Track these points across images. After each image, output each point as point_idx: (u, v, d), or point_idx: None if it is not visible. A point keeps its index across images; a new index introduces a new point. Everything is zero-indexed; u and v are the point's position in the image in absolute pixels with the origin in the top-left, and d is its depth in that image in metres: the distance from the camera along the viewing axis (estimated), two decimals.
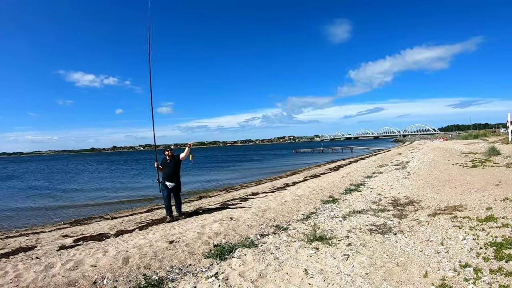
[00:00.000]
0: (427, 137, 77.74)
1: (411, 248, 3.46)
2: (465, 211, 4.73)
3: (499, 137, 29.86)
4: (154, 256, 3.70)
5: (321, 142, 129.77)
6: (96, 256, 3.81)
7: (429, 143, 32.49)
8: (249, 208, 6.36)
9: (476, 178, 7.55)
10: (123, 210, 10.06)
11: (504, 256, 2.92)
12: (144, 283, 3.02)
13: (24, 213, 10.96)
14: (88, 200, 13.35)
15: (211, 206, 7.46)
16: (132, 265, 3.44)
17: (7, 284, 3.08)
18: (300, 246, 3.72)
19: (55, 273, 3.29)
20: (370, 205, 5.78)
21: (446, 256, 3.15)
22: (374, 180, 9.15)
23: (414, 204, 5.59)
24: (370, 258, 3.24)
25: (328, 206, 6.04)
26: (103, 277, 3.17)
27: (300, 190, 8.44)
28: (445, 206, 5.21)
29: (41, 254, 4.16)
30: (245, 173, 22.52)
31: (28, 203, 13.41)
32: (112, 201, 12.66)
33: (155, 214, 7.39)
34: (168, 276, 3.18)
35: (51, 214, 10.56)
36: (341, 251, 3.50)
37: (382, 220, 4.65)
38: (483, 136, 35.10)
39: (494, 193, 5.62)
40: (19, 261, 3.84)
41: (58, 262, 3.65)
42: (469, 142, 24.35)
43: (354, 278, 2.82)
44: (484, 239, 3.48)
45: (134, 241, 4.49)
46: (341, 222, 4.73)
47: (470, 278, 2.63)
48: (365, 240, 3.83)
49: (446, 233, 3.82)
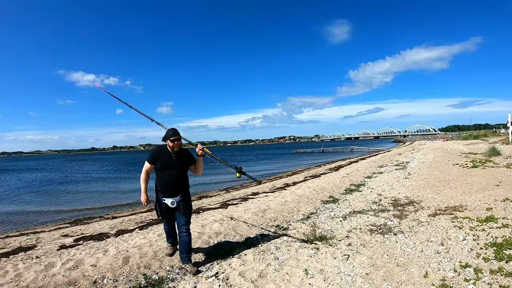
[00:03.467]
0: (427, 137, 77.67)
1: (411, 249, 3.46)
2: (465, 212, 4.73)
3: (500, 137, 29.80)
4: (154, 255, 3.70)
5: (321, 142, 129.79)
6: (96, 255, 3.81)
7: (430, 144, 32.47)
8: (249, 208, 6.36)
9: (477, 178, 7.54)
10: (123, 210, 10.06)
11: (504, 256, 2.92)
12: (144, 282, 3.02)
13: (24, 213, 10.97)
14: (89, 200, 13.35)
15: (211, 206, 7.46)
16: (133, 265, 3.44)
17: (7, 283, 3.09)
18: (300, 246, 3.72)
19: (55, 273, 3.29)
20: (370, 205, 5.77)
21: (446, 257, 3.15)
22: (374, 180, 9.15)
23: (415, 204, 5.59)
24: (370, 258, 3.24)
25: (328, 206, 6.04)
26: (103, 276, 3.18)
27: (301, 190, 8.44)
28: (445, 206, 5.20)
29: (41, 254, 4.16)
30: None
31: (28, 203, 13.41)
32: (112, 201, 12.66)
33: (155, 214, 7.38)
34: (168, 275, 3.18)
35: (51, 213, 10.56)
36: (342, 251, 3.50)
37: (383, 220, 4.65)
38: (484, 136, 35.04)
39: (494, 194, 5.61)
40: (19, 261, 3.84)
41: (58, 261, 3.65)
42: (469, 143, 24.32)
43: (354, 278, 2.82)
44: (484, 239, 3.48)
45: (134, 240, 4.50)
46: (342, 222, 4.73)
47: (471, 279, 2.63)
48: (366, 240, 3.82)
49: (447, 234, 3.82)
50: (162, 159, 3.13)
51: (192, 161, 3.27)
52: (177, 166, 3.16)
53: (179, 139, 3.12)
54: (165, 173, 3.12)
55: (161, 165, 3.13)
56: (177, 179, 3.16)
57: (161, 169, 3.13)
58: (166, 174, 3.12)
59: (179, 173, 3.17)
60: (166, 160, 3.13)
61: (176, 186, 3.16)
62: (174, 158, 3.14)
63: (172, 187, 3.14)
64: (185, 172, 3.25)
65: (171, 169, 3.13)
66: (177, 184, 3.17)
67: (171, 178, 3.13)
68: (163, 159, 3.13)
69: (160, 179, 3.17)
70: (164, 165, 3.12)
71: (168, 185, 3.13)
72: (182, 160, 3.19)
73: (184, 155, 3.23)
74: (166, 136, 3.11)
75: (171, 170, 3.13)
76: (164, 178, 3.13)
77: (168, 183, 3.13)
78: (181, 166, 3.19)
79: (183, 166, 3.21)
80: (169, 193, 3.15)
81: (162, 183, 3.16)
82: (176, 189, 3.17)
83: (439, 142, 34.14)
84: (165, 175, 3.12)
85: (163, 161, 3.12)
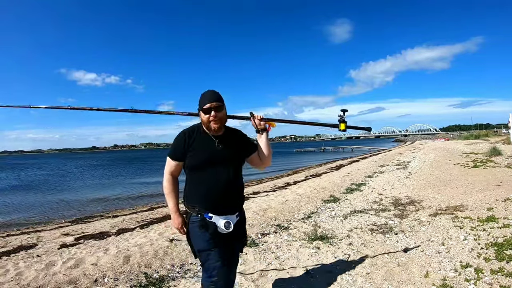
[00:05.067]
0: (428, 137, 77.54)
1: (412, 248, 3.46)
2: (466, 211, 4.72)
3: (501, 137, 29.76)
4: (155, 254, 3.70)
5: (322, 142, 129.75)
6: (97, 254, 3.82)
7: (431, 143, 32.40)
8: (250, 207, 6.36)
9: (478, 178, 7.53)
10: (124, 209, 10.06)
11: (505, 256, 2.92)
12: (145, 281, 3.03)
13: (25, 211, 10.99)
14: (89, 199, 13.38)
15: None
16: (133, 264, 3.45)
17: (8, 282, 3.10)
18: (301, 246, 3.72)
19: (56, 271, 3.30)
20: (371, 204, 5.77)
21: (447, 256, 3.14)
22: (375, 179, 9.14)
23: (415, 204, 5.59)
24: (371, 258, 3.24)
25: (329, 205, 6.04)
26: (104, 275, 3.18)
27: (301, 189, 8.44)
28: (446, 206, 5.20)
29: (42, 253, 4.17)
30: (245, 172, 22.45)
31: (28, 203, 13.44)
32: (113, 199, 12.68)
33: (156, 213, 7.39)
34: (169, 274, 3.18)
35: (52, 212, 10.58)
36: (342, 250, 3.50)
37: (383, 220, 4.64)
38: (485, 136, 34.96)
39: (495, 194, 5.60)
40: (20, 259, 3.86)
41: (59, 260, 3.66)
42: (470, 142, 24.27)
43: (355, 277, 2.82)
44: (485, 239, 3.47)
45: (135, 239, 4.51)
46: (342, 221, 4.73)
47: (471, 279, 2.63)
48: (366, 239, 3.82)
49: (447, 233, 3.82)
50: (196, 150, 1.80)
51: (250, 147, 1.95)
52: (226, 159, 1.82)
53: (221, 107, 1.79)
54: (205, 172, 1.79)
55: (196, 160, 1.80)
56: (229, 181, 1.81)
57: (197, 166, 1.81)
58: (208, 174, 1.78)
59: (230, 171, 1.82)
60: (203, 149, 1.80)
61: (229, 195, 1.82)
62: (218, 145, 1.81)
63: (222, 196, 1.79)
64: (239, 168, 1.91)
65: (215, 165, 1.79)
66: (231, 190, 1.83)
67: (217, 182, 1.78)
68: (198, 149, 1.80)
69: (196, 185, 1.83)
70: (201, 159, 1.79)
71: (213, 195, 1.78)
72: (233, 147, 1.86)
73: (235, 138, 1.92)
74: (201, 108, 1.80)
75: (215, 166, 1.79)
76: (205, 182, 1.79)
77: (214, 190, 1.78)
78: (233, 157, 1.85)
79: (235, 157, 1.87)
80: (218, 208, 1.79)
81: (200, 192, 1.80)
82: (230, 200, 1.83)
83: (440, 142, 34.07)
84: (206, 177, 1.79)
85: (198, 152, 1.80)
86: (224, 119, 1.84)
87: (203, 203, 1.79)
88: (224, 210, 1.80)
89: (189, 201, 1.85)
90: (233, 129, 1.98)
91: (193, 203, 1.82)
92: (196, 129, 1.87)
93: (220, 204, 1.79)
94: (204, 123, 1.81)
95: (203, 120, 1.80)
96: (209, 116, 1.76)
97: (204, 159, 1.79)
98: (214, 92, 1.82)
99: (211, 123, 1.77)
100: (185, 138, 1.82)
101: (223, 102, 1.82)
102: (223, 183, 1.79)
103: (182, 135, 1.84)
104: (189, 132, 1.85)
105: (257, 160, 1.98)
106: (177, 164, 1.86)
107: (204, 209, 1.78)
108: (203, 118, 1.79)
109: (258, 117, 1.93)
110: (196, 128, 1.88)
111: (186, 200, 1.87)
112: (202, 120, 1.82)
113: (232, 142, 1.88)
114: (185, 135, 1.83)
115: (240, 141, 1.94)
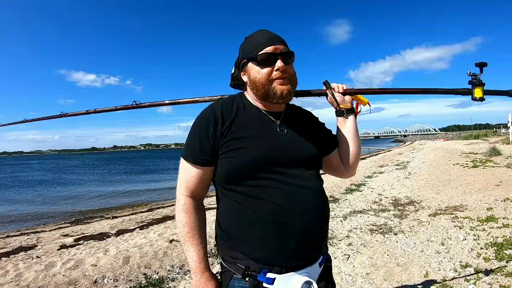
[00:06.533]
0: (428, 137, 77.70)
1: (411, 248, 3.46)
2: (465, 211, 4.73)
3: (500, 137, 29.78)
4: (155, 255, 3.70)
5: None
6: (96, 255, 3.81)
7: (430, 143, 32.46)
8: None
9: (477, 178, 7.54)
10: (123, 210, 10.05)
11: (505, 256, 2.92)
12: (144, 282, 3.02)
13: (24, 212, 10.97)
14: (89, 199, 13.36)
15: (211, 205, 7.46)
16: (133, 265, 3.44)
17: (8, 283, 3.09)
18: None
19: (56, 272, 3.29)
20: (370, 205, 5.77)
21: (446, 256, 3.14)
22: (374, 180, 9.14)
23: (415, 204, 5.59)
24: (370, 258, 3.23)
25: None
26: (103, 276, 3.18)
27: None
28: (445, 206, 5.20)
29: (42, 253, 4.16)
30: None
31: (28, 202, 13.43)
32: (113, 200, 12.67)
33: (155, 214, 7.39)
34: (169, 275, 3.18)
35: (52, 213, 10.56)
36: (342, 250, 3.50)
37: (383, 220, 4.65)
38: (484, 136, 35.04)
39: (494, 194, 5.61)
40: (20, 260, 3.85)
41: (59, 261, 3.66)
42: (470, 142, 24.30)
43: (354, 278, 2.82)
44: (485, 239, 3.48)
45: (134, 240, 4.50)
46: (342, 222, 4.73)
47: (471, 279, 2.63)
48: (366, 240, 3.83)
49: (447, 233, 3.82)
50: (242, 139, 0.91)
51: (331, 138, 1.12)
52: (302, 156, 0.95)
53: (292, 55, 0.96)
54: (264, 183, 0.88)
55: (245, 159, 0.88)
56: (315, 200, 0.93)
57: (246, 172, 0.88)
58: (271, 189, 0.87)
59: (313, 180, 0.95)
60: (257, 137, 0.92)
61: (315, 230, 0.91)
62: (283, 130, 0.98)
63: (303, 233, 0.88)
64: (318, 171, 1.02)
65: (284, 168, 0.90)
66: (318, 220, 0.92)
67: (293, 204, 0.88)
68: (247, 137, 0.91)
69: (245, 211, 0.90)
70: (255, 156, 0.88)
71: (286, 231, 0.87)
72: (307, 134, 1.01)
73: (305, 122, 1.07)
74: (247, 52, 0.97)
75: (284, 171, 0.90)
76: (265, 204, 0.87)
77: (286, 221, 0.87)
78: (313, 153, 0.99)
79: (316, 153, 1.00)
80: (295, 258, 0.88)
81: (256, 225, 0.88)
82: (315, 240, 0.92)
83: (439, 142, 34.13)
84: (268, 192, 0.87)
85: (247, 142, 0.90)
86: (295, 81, 1.00)
87: (261, 249, 0.88)
88: (304, 261, 0.90)
89: (229, 247, 0.95)
90: (296, 106, 1.14)
91: (238, 250, 0.92)
92: (236, 100, 1.01)
93: (299, 250, 0.88)
94: (260, 84, 0.94)
95: (259, 80, 0.94)
96: (272, 69, 0.93)
97: (262, 155, 0.89)
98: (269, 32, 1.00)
99: (276, 82, 0.93)
100: (215, 118, 0.93)
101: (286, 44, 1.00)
102: (303, 205, 0.89)
103: (211, 112, 0.95)
104: (225, 106, 0.97)
105: (338, 163, 1.13)
106: (203, 171, 0.95)
107: (262, 264, 0.88)
108: (260, 74, 0.93)
109: (339, 88, 1.12)
110: (237, 98, 1.03)
111: (222, 245, 1.00)
112: (254, 80, 0.95)
113: (303, 126, 1.03)
114: (218, 110, 0.95)
115: (314, 127, 1.09)
